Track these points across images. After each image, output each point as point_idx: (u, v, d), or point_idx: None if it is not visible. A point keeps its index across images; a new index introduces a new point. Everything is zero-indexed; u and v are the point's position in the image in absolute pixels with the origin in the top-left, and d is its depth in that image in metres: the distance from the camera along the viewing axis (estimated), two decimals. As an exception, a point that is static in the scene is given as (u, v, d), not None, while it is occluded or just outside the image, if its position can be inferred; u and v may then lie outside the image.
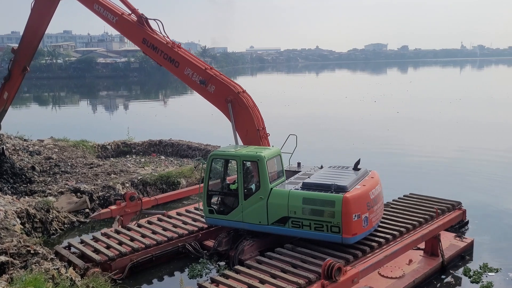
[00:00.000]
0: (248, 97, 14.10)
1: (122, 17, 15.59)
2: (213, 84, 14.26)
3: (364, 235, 11.00)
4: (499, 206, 17.15)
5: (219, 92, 14.19)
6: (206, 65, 14.84)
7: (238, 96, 13.89)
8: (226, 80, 14.33)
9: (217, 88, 14.21)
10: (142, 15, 15.41)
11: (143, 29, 15.26)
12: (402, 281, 11.21)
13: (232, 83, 14.29)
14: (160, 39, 15.08)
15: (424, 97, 60.30)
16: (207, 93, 14.45)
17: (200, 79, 14.37)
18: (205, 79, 14.30)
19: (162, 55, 15.00)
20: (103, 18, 15.93)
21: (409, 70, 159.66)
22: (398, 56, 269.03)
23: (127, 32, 15.85)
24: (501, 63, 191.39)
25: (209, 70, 14.49)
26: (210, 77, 14.30)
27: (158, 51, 15.07)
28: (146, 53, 15.63)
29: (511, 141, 29.24)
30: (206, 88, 14.36)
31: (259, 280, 9.98)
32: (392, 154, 26.28)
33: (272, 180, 11.76)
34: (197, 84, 14.50)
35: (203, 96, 14.76)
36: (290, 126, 31.64)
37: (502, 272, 12.03)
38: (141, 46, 15.51)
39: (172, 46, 14.92)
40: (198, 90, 14.68)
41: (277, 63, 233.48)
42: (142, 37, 15.26)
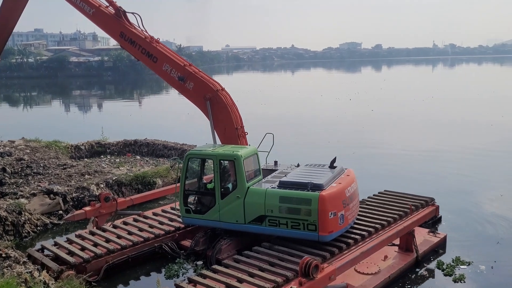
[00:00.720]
0: (227, 95, 14.01)
1: (99, 9, 15.12)
2: (191, 81, 14.08)
3: (340, 233, 11.10)
4: (470, 202, 17.55)
5: (197, 90, 14.03)
6: (185, 62, 14.60)
7: (216, 94, 13.78)
8: (205, 77, 14.18)
9: (196, 86, 14.04)
10: (120, 8, 14.99)
11: (120, 22, 14.89)
12: (378, 277, 11.38)
13: (211, 81, 14.16)
14: (138, 33, 14.76)
15: (398, 95, 61.27)
16: (186, 90, 14.29)
17: (178, 76, 14.17)
18: (183, 76, 14.12)
19: (140, 50, 14.68)
20: (79, 9, 15.42)
21: (383, 68, 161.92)
22: (372, 54, 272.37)
23: (104, 25, 15.36)
24: (471, 61, 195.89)
25: (188, 67, 14.30)
26: (189, 74, 14.14)
27: (136, 45, 14.73)
28: (123, 47, 15.27)
29: (482, 138, 29.94)
30: (185, 85, 14.17)
31: (236, 279, 9.98)
32: (367, 152, 26.61)
33: (249, 179, 11.77)
34: (175, 81, 14.30)
35: (181, 93, 14.62)
36: (266, 124, 31.74)
37: (474, 265, 12.33)
38: (119, 40, 15.15)
39: (150, 41, 14.62)
40: (177, 86, 14.50)
41: (253, 61, 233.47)
42: (119, 30, 14.90)
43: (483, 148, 26.89)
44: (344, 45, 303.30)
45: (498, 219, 15.71)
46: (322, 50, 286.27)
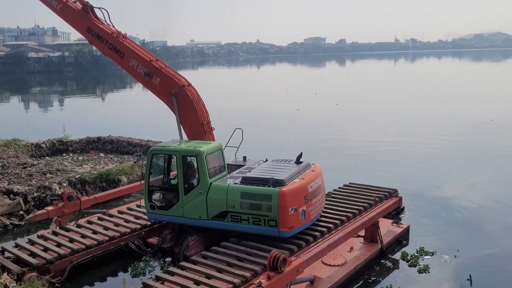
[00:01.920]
0: (193, 91, 13.93)
1: (67, 4, 14.87)
2: (158, 77, 13.99)
3: (302, 228, 11.12)
4: (432, 193, 18.04)
5: (163, 85, 13.93)
6: (152, 57, 14.49)
7: (182, 89, 13.70)
8: (171, 73, 14.08)
9: (162, 81, 13.94)
10: (87, 3, 14.82)
11: (87, 17, 14.72)
12: (344, 268, 11.56)
13: (178, 76, 14.07)
14: (105, 29, 14.60)
15: (361, 89, 62.33)
16: (152, 86, 14.19)
17: (145, 71, 14.05)
18: (150, 71, 14.01)
19: (107, 45, 14.53)
20: (47, 5, 15.19)
21: (347, 63, 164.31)
22: (336, 49, 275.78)
23: (71, 20, 15.13)
24: (431, 56, 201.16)
25: (154, 62, 14.18)
26: (155, 69, 14.04)
27: (103, 40, 14.57)
28: (91, 42, 15.12)
29: (444, 130, 30.80)
30: (151, 80, 14.07)
31: (205, 275, 9.92)
32: (332, 145, 26.97)
33: (213, 175, 11.78)
34: (142, 76, 14.17)
35: (148, 88, 14.49)
36: (234, 120, 31.72)
37: (437, 255, 12.67)
38: (86, 35, 14.97)
39: (117, 36, 14.48)
40: (143, 82, 14.40)
41: (218, 56, 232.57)
42: (86, 26, 14.72)
43: (444, 139, 27.69)
44: (309, 40, 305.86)
45: (460, 209, 16.22)
46: (287, 45, 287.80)
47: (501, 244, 13.49)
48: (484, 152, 24.48)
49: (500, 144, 26.19)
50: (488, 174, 20.62)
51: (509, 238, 13.88)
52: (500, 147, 25.45)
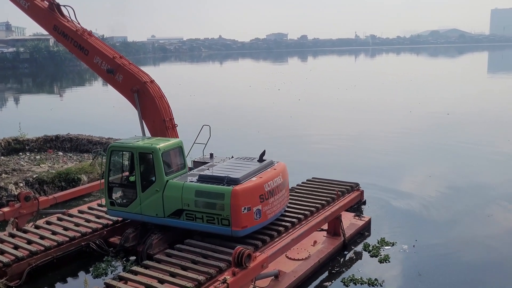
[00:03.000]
0: (156, 88, 13.92)
1: (34, 3, 14.95)
2: (121, 74, 13.99)
3: (257, 228, 11.06)
4: (392, 185, 18.49)
5: (126, 82, 13.92)
6: (116, 54, 14.50)
7: (144, 86, 13.68)
8: (134, 69, 14.06)
9: (125, 78, 13.96)
10: (53, 1, 14.88)
11: (54, 15, 14.82)
12: (308, 262, 11.70)
13: (140, 73, 14.06)
14: (70, 26, 14.68)
15: (323, 84, 63.15)
16: (116, 83, 14.18)
17: (107, 68, 14.08)
18: (112, 68, 14.03)
19: (72, 43, 14.65)
20: (16, 3, 15.40)
21: (309, 58, 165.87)
22: (298, 45, 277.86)
23: (38, 18, 15.22)
24: (391, 52, 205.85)
25: (117, 59, 14.17)
26: (117, 66, 14.03)
27: (68, 38, 14.70)
28: (57, 40, 15.23)
29: (403, 123, 31.62)
30: (115, 77, 14.08)
31: (169, 274, 9.83)
32: (295, 140, 27.22)
33: (170, 172, 11.71)
34: (105, 73, 14.20)
35: (111, 85, 14.46)
36: (200, 116, 31.55)
37: (397, 245, 13.03)
38: (52, 33, 15.08)
39: (82, 34, 14.55)
40: (107, 79, 14.42)
41: (180, 52, 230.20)
42: (53, 24, 14.84)
43: (403, 133, 28.44)
44: (271, 36, 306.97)
45: (418, 200, 16.70)
46: (250, 41, 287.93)
47: (455, 233, 14.00)
48: (441, 145, 25.28)
49: (456, 136, 27.11)
50: (444, 166, 21.33)
51: (463, 227, 14.40)
52: (455, 139, 26.34)
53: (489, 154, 22.97)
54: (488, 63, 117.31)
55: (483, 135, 27.19)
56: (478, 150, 23.82)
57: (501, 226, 14.46)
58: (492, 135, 27.37)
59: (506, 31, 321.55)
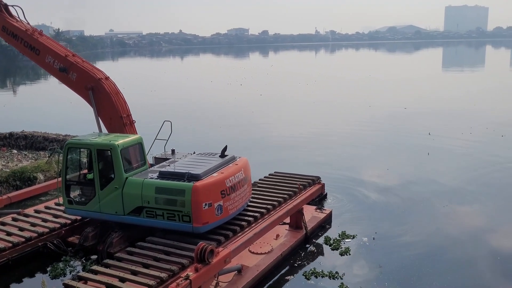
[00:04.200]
0: (111, 84, 13.79)
1: None
2: (74, 72, 13.80)
3: (218, 224, 11.04)
4: (352, 178, 18.85)
5: (80, 80, 13.73)
6: (68, 52, 14.33)
7: (99, 83, 13.51)
8: (87, 67, 13.88)
9: (78, 76, 13.76)
10: (0, 2, 14.68)
11: (2, 16, 14.63)
12: (271, 255, 11.79)
13: (94, 70, 13.89)
14: (19, 27, 14.46)
15: (285, 79, 63.56)
16: (70, 81, 13.97)
17: (60, 67, 13.86)
18: (65, 66, 13.83)
19: (23, 43, 14.45)
20: None
21: (270, 54, 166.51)
22: (259, 40, 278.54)
23: None
24: (350, 47, 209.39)
25: (70, 57, 13.97)
26: (70, 64, 13.83)
27: (18, 39, 14.50)
28: (7, 41, 15.04)
29: (363, 118, 32.24)
30: (68, 76, 13.90)
31: (131, 272, 9.68)
32: (257, 135, 27.31)
33: (130, 169, 11.54)
34: (58, 72, 13.99)
35: (65, 84, 14.22)
36: (161, 112, 31.17)
37: (358, 237, 13.30)
38: (2, 35, 14.85)
39: (32, 33, 14.33)
40: (60, 78, 14.17)
41: (140, 47, 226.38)
42: (1, 24, 14.64)
43: (363, 127, 29.01)
44: (232, 31, 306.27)
45: (377, 193, 17.10)
46: (211, 36, 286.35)
47: (414, 224, 14.41)
48: (398, 138, 25.98)
49: (412, 130, 27.91)
50: (402, 158, 21.93)
51: (421, 219, 14.84)
52: (412, 133, 27.12)
53: (445, 146, 23.77)
54: (442, 59, 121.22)
55: (438, 128, 28.08)
56: (435, 142, 24.60)
57: (456, 216, 15.01)
58: (447, 128, 28.32)
59: (459, 27, 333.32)
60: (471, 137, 25.61)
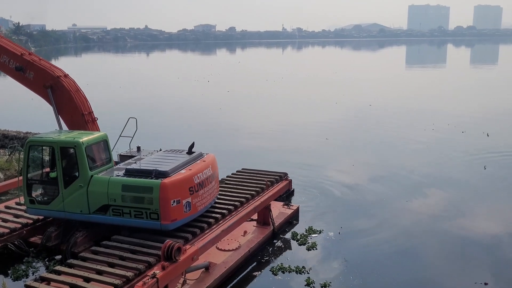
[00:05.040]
0: (71, 81, 13.45)
1: None
2: (31, 71, 13.42)
3: (186, 221, 11.01)
4: (319, 175, 19.08)
5: (37, 78, 13.35)
6: (24, 51, 13.90)
7: (58, 81, 13.20)
8: (45, 65, 13.51)
9: (36, 74, 13.38)
10: None
11: None
12: (238, 252, 11.81)
13: (52, 68, 13.53)
14: None
15: (252, 76, 63.62)
16: (26, 80, 13.57)
17: (16, 66, 13.45)
18: (22, 65, 13.43)
19: None
20: None
21: (237, 50, 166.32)
22: (226, 37, 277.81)
23: None
24: (316, 45, 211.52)
25: (26, 56, 13.57)
26: (27, 63, 13.44)
27: None
28: None
29: (329, 114, 32.65)
30: (25, 75, 13.51)
31: (96, 271, 9.51)
32: (225, 132, 27.28)
33: (95, 167, 11.33)
34: (14, 72, 13.56)
35: (23, 84, 13.79)
36: (126, 108, 30.66)
37: (324, 233, 13.49)
38: None
39: None
40: (17, 78, 13.74)
41: (104, 42, 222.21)
42: None
43: (330, 123, 29.38)
44: (199, 27, 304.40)
45: (343, 188, 17.37)
46: (177, 32, 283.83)
47: (378, 219, 14.72)
48: (363, 134, 26.44)
49: (377, 126, 28.45)
50: (367, 154, 22.34)
51: (384, 213, 15.17)
52: (377, 129, 27.65)
53: (408, 142, 24.34)
54: (406, 57, 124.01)
55: (402, 125, 28.76)
56: (398, 138, 25.18)
57: (418, 210, 15.40)
58: (410, 124, 29.00)
59: (422, 26, 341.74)
60: (433, 133, 26.32)
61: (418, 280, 10.95)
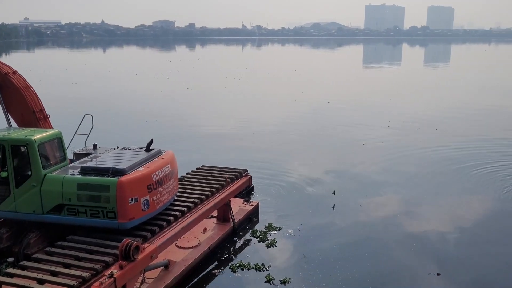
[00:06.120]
0: (20, 78, 12.96)
1: None
2: None
3: (145, 219, 10.82)
4: (279, 171, 19.23)
5: None
6: None
7: (6, 78, 12.67)
8: None
9: None
10: None
11: None
12: (198, 249, 11.76)
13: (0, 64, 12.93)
14: None
15: (212, 73, 63.34)
16: None
17: None
18: None
19: None
20: None
21: (197, 47, 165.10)
22: (186, 33, 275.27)
23: None
24: (276, 42, 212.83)
25: None
26: None
27: None
28: None
29: (288, 112, 32.93)
30: None
31: (50, 273, 9.20)
32: (184, 129, 27.03)
33: (49, 166, 10.96)
34: None
35: None
36: (82, 105, 29.84)
37: (283, 229, 13.62)
38: None
39: None
40: None
41: (58, 37, 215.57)
42: None
43: (290, 120, 29.66)
44: (158, 23, 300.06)
45: (303, 185, 17.58)
46: (135, 28, 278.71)
47: (336, 215, 15.01)
48: (322, 131, 26.85)
49: (335, 123, 28.96)
50: (325, 151, 22.70)
51: (342, 209, 15.46)
52: (334, 126, 28.14)
53: (365, 138, 24.89)
54: (363, 56, 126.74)
55: (360, 122, 29.36)
56: (356, 135, 25.71)
57: (375, 206, 15.79)
58: (367, 121, 29.65)
59: (378, 26, 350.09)
60: (389, 130, 27.03)
61: (375, 273, 11.23)
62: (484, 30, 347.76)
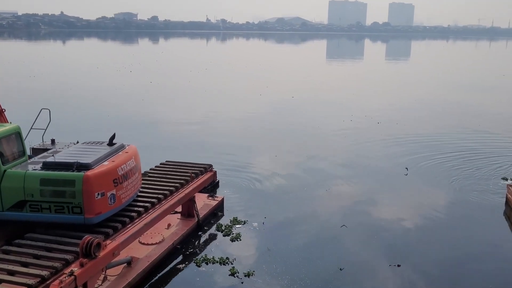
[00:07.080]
0: None
1: None
2: None
3: (111, 213, 10.68)
4: (243, 166, 19.24)
5: None
6: None
7: None
8: None
9: None
10: None
11: None
12: (162, 245, 11.64)
13: None
14: None
15: (175, 67, 62.62)
16: None
17: None
18: None
19: None
20: None
21: (160, 40, 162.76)
22: (149, 26, 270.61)
23: None
24: (240, 36, 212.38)
25: None
26: None
27: None
28: None
29: (253, 106, 32.96)
30: None
31: (7, 272, 8.90)
32: (147, 124, 26.64)
33: (7, 161, 10.58)
34: None
35: None
36: (40, 99, 28.95)
37: (248, 223, 13.66)
38: None
39: None
40: None
41: (15, 28, 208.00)
42: None
43: (254, 115, 29.70)
44: (120, 15, 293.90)
45: (267, 179, 17.66)
46: (96, 19, 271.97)
47: (300, 208, 15.17)
48: (285, 126, 27.02)
49: (299, 118, 29.22)
50: (289, 145, 22.86)
51: (306, 203, 15.64)
52: (299, 120, 28.39)
53: (328, 132, 25.24)
54: (326, 50, 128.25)
55: (323, 116, 29.75)
56: (319, 129, 26.02)
57: (337, 199, 16.07)
58: (331, 115, 30.08)
59: (341, 21, 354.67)
60: (351, 124, 27.49)
61: (338, 266, 11.40)
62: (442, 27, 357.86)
